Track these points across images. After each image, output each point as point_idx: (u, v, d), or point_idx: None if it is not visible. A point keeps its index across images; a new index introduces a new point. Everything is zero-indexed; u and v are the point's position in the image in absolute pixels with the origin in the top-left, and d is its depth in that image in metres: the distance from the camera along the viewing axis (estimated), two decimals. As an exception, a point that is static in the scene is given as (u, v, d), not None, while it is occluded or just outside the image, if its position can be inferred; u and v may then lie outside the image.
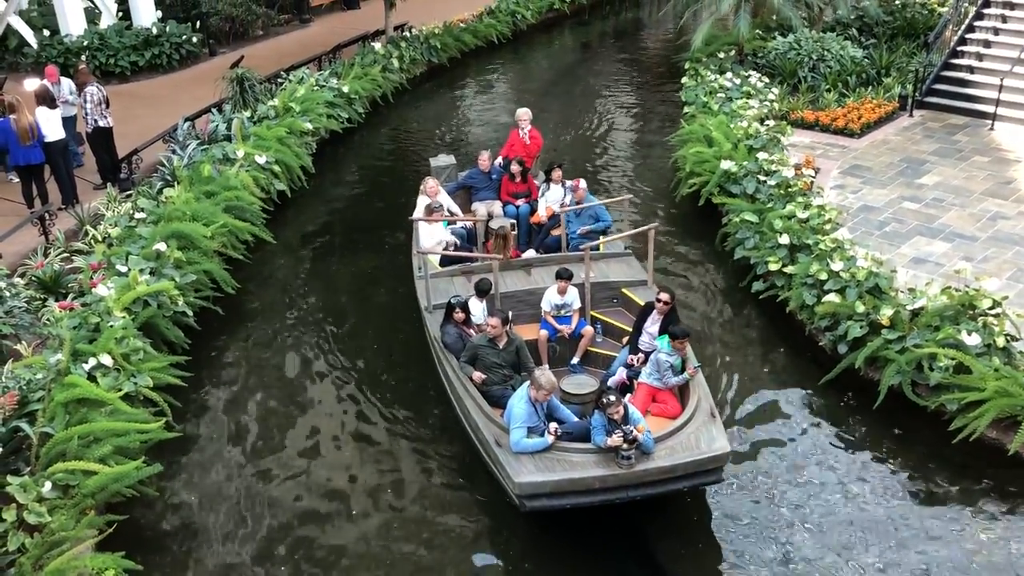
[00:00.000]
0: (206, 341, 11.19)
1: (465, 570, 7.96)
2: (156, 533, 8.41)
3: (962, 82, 17.21)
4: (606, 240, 11.32)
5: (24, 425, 8.21)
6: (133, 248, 11.37)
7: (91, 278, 10.77)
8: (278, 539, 8.29)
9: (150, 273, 10.90)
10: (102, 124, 14.29)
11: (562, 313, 10.08)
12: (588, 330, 10.08)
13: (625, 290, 10.69)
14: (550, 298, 10.09)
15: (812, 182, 13.15)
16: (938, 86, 17.36)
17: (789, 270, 11.12)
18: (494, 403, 8.79)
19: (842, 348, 10.01)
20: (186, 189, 12.98)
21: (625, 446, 7.59)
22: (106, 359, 9.22)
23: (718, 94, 16.65)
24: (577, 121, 19.05)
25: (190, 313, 10.91)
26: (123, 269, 10.85)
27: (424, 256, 10.68)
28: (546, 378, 8.11)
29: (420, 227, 11.57)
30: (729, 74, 17.62)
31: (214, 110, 16.30)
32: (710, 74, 17.90)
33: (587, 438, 7.97)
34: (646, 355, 9.34)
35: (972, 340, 9.24)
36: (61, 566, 7.10)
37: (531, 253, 11.85)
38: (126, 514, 8.24)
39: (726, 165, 13.31)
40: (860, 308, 9.98)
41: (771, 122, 15.26)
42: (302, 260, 13.53)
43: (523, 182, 12.69)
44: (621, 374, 9.50)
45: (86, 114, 14.21)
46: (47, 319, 10.15)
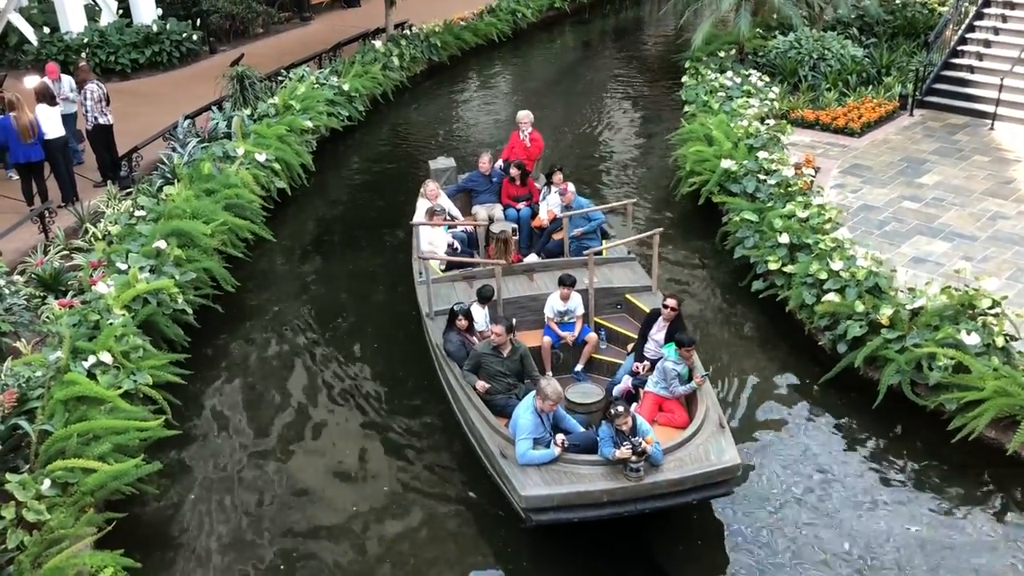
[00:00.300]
0: (206, 339, 11.19)
1: None
2: (155, 531, 8.41)
3: (962, 82, 17.21)
4: (609, 246, 11.14)
5: (23, 423, 8.21)
6: (133, 246, 11.36)
7: (91, 276, 10.77)
8: (277, 537, 8.29)
9: (150, 271, 10.90)
10: (102, 122, 14.29)
11: (565, 320, 9.93)
12: (592, 337, 9.93)
13: (629, 296, 10.52)
14: (553, 304, 9.94)
15: (812, 181, 13.15)
16: (938, 85, 17.35)
17: (789, 269, 11.12)
18: (498, 412, 8.62)
19: (842, 347, 10.02)
20: (186, 187, 12.98)
21: (634, 458, 7.46)
22: (106, 357, 9.22)
23: (718, 93, 16.65)
24: (577, 120, 19.04)
25: (190, 311, 10.91)
26: (123, 267, 10.84)
27: (425, 261, 10.54)
28: (552, 388, 7.95)
29: (421, 231, 11.45)
30: (729, 73, 17.61)
31: (214, 108, 16.30)
32: (710, 73, 17.89)
33: (594, 449, 7.83)
34: (652, 363, 9.17)
35: (971, 340, 9.24)
36: (60, 564, 7.10)
37: (533, 258, 11.69)
38: (125, 512, 8.23)
39: (726, 164, 13.31)
40: (860, 307, 9.98)
41: (771, 121, 15.25)
42: (302, 258, 13.52)
43: (523, 185, 12.56)
44: (626, 382, 9.32)
45: (86, 111, 14.21)
46: (47, 317, 10.15)
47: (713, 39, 19.31)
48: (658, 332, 9.36)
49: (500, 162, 13.13)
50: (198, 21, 22.33)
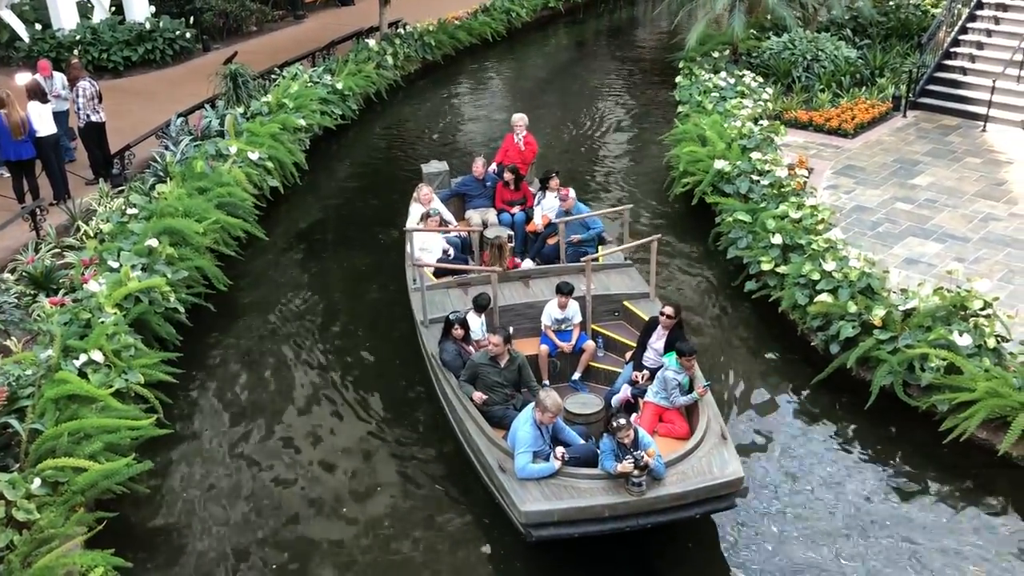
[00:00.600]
0: (198, 338, 11.16)
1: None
2: (146, 530, 8.38)
3: (955, 83, 17.26)
4: (606, 252, 10.96)
5: (14, 421, 8.18)
6: (125, 244, 11.33)
7: (82, 274, 10.74)
8: (269, 537, 8.28)
9: (142, 269, 10.87)
10: (94, 119, 14.24)
11: (563, 327, 9.80)
12: (589, 345, 9.80)
13: (627, 303, 10.37)
14: (551, 312, 9.81)
15: (805, 182, 13.16)
16: (931, 87, 17.40)
17: (782, 270, 11.13)
18: (495, 423, 8.50)
19: (834, 348, 10.03)
20: (179, 185, 12.94)
21: (636, 473, 7.32)
22: (97, 355, 9.19)
23: (712, 93, 16.66)
24: (571, 120, 19.04)
25: (182, 309, 10.88)
26: (115, 265, 10.82)
27: (419, 268, 10.38)
28: (551, 400, 7.80)
29: (415, 235, 11.16)
30: (723, 73, 17.64)
31: (207, 106, 16.27)
32: (704, 73, 17.91)
33: (594, 462, 7.71)
34: (651, 372, 9.03)
35: (963, 341, 9.27)
36: (50, 563, 7.07)
37: (528, 263, 11.56)
38: (116, 511, 8.21)
39: (720, 164, 13.32)
40: (852, 308, 10.00)
41: (765, 122, 15.28)
42: (295, 257, 13.49)
43: (517, 190, 12.41)
44: (625, 392, 9.16)
45: (78, 109, 14.16)
46: (38, 315, 10.11)
47: (707, 39, 19.33)
48: (657, 340, 9.21)
49: (494, 166, 13.00)
50: (191, 19, 22.25)
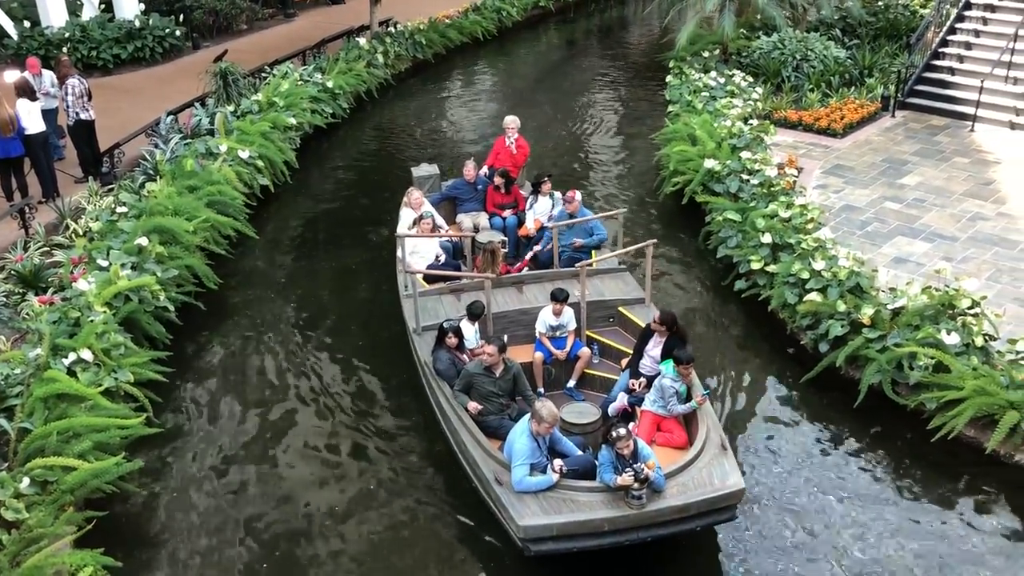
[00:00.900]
0: (188, 337, 11.13)
1: None
2: (136, 530, 8.36)
3: (943, 83, 17.34)
4: (600, 259, 10.78)
5: (2, 420, 8.17)
6: (114, 242, 11.30)
7: (71, 272, 10.70)
8: (259, 537, 8.26)
9: (131, 268, 10.84)
10: (84, 117, 14.18)
11: (558, 334, 9.67)
12: (585, 352, 9.66)
13: (622, 309, 10.19)
14: (545, 319, 9.64)
15: (795, 181, 13.23)
16: (920, 87, 17.48)
17: (771, 269, 11.17)
18: (490, 433, 8.34)
19: (823, 347, 10.07)
20: (168, 183, 12.90)
21: (636, 485, 7.18)
22: (86, 354, 9.16)
23: (702, 93, 16.70)
24: (562, 119, 19.05)
25: (172, 308, 10.85)
26: (104, 264, 10.78)
27: (411, 274, 10.18)
28: (547, 410, 7.63)
29: (407, 240, 10.99)
30: (713, 73, 17.68)
31: (197, 104, 16.22)
32: (694, 73, 17.95)
33: (592, 473, 7.59)
34: (648, 380, 8.88)
35: (951, 339, 9.32)
36: (39, 563, 7.05)
37: (527, 258, 11.47)
38: (106, 510, 8.18)
39: (709, 164, 13.36)
40: (841, 307, 10.04)
41: (754, 121, 15.32)
42: (285, 255, 13.46)
43: (508, 193, 12.30)
44: (622, 400, 9.00)
45: (67, 107, 14.10)
46: (26, 313, 10.09)
47: (697, 39, 19.38)
48: (654, 348, 9.03)
49: (485, 169, 12.87)
50: (181, 17, 22.17)
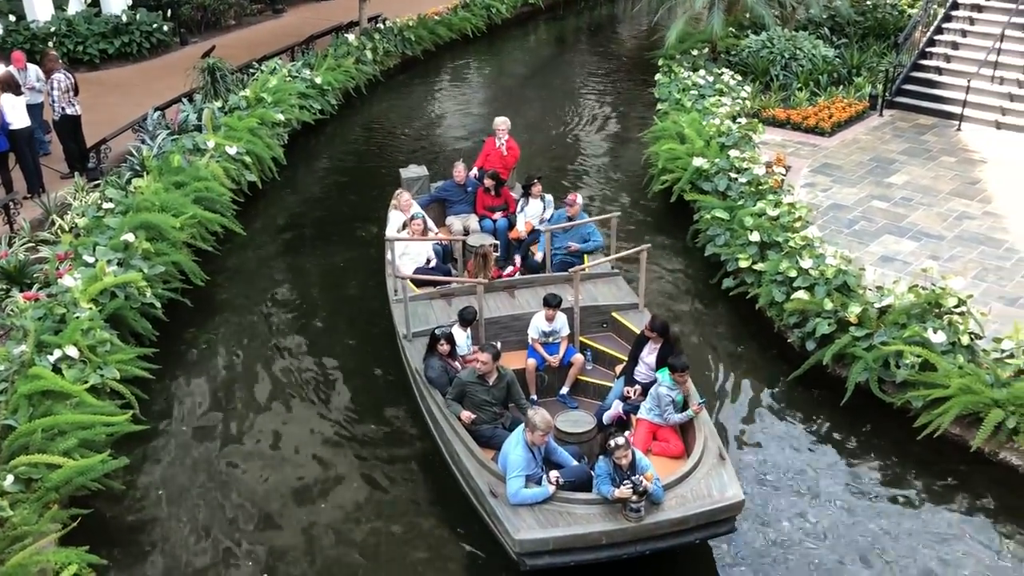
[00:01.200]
0: (174, 333, 11.08)
1: None
2: (122, 527, 8.32)
3: (930, 83, 17.42)
4: (593, 264, 10.61)
5: (-13, 417, 8.10)
6: (101, 238, 11.23)
7: (57, 268, 10.63)
8: (245, 534, 8.24)
9: (118, 264, 10.77)
10: (69, 112, 14.08)
11: (550, 340, 9.51)
12: (578, 358, 9.50)
13: (615, 314, 10.06)
14: (538, 325, 9.50)
15: (783, 180, 13.26)
16: (907, 86, 17.56)
17: (759, 267, 11.20)
18: (483, 443, 8.21)
19: (810, 345, 10.10)
20: (155, 179, 12.84)
21: (635, 498, 7.06)
22: (72, 351, 9.11)
23: (691, 91, 16.72)
24: (550, 116, 19.05)
25: (158, 305, 10.80)
26: (90, 260, 10.72)
27: (401, 279, 10.02)
28: (541, 418, 7.48)
29: (397, 244, 10.75)
30: (702, 71, 17.71)
31: (185, 100, 16.14)
32: (683, 71, 17.97)
33: (588, 484, 7.46)
34: (643, 387, 8.79)
35: (938, 338, 9.37)
36: (23, 561, 7.00)
37: (518, 262, 11.38)
38: (91, 508, 8.15)
39: (698, 162, 13.38)
40: (828, 305, 10.08)
41: (743, 120, 15.37)
42: (273, 252, 13.42)
43: (499, 195, 12.17)
44: (617, 408, 8.85)
45: (53, 102, 13.99)
46: (11, 310, 10.01)
47: (686, 37, 19.41)
48: (649, 355, 8.93)
49: (475, 170, 12.74)
50: (169, 12, 22.07)
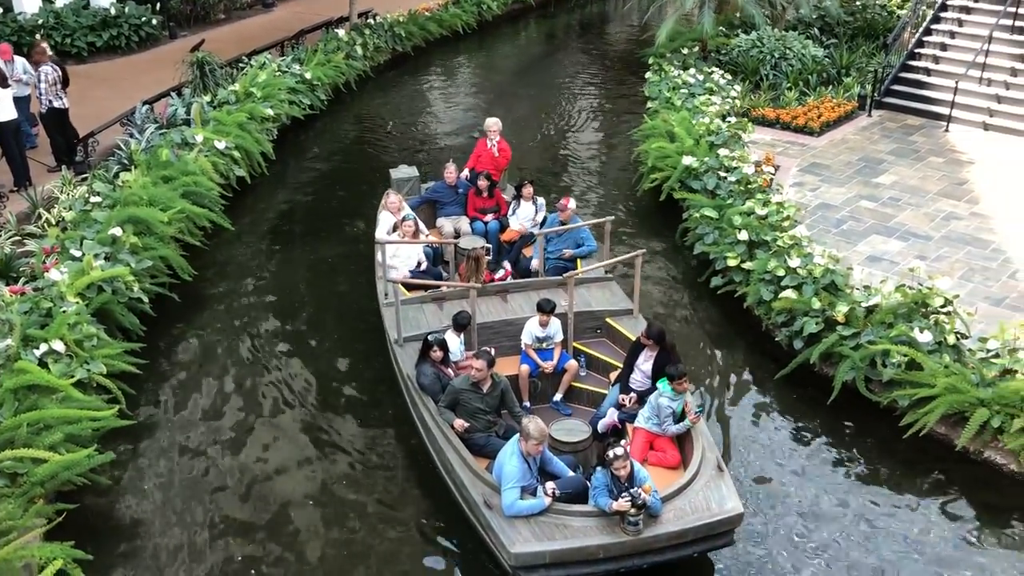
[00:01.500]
0: (162, 328, 11.04)
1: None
2: (107, 522, 8.30)
3: (919, 84, 17.49)
4: (588, 269, 10.48)
5: (-28, 411, 8.05)
6: (88, 232, 11.18)
7: (44, 262, 10.57)
8: (231, 530, 8.22)
9: (105, 258, 10.72)
10: (57, 105, 13.99)
11: (544, 346, 9.39)
12: (572, 364, 9.40)
13: (609, 320, 9.95)
14: (532, 330, 9.34)
15: (772, 179, 13.30)
16: (896, 87, 17.63)
17: (747, 266, 11.23)
18: (476, 452, 8.09)
19: (798, 344, 10.14)
20: (143, 173, 12.78)
21: (633, 511, 6.95)
22: (58, 345, 9.07)
23: (681, 90, 16.74)
24: (541, 114, 19.05)
25: (145, 299, 10.75)
26: (77, 253, 10.66)
27: (393, 282, 9.84)
28: (535, 427, 7.34)
29: (387, 245, 10.55)
30: (692, 70, 17.73)
31: (173, 94, 16.06)
32: (674, 70, 17.97)
33: (584, 495, 7.35)
34: (639, 395, 8.69)
35: (924, 337, 9.42)
36: (8, 556, 6.97)
37: (508, 267, 11.21)
38: (77, 503, 8.11)
39: (687, 161, 13.40)
40: (816, 304, 10.12)
41: (733, 119, 15.39)
42: (261, 247, 13.38)
43: (491, 197, 12.05)
44: (612, 416, 8.72)
45: (40, 94, 13.91)
46: (-3, 303, 9.94)
47: (677, 36, 19.43)
48: (645, 362, 8.81)
49: (466, 172, 12.62)
50: (158, 5, 21.94)
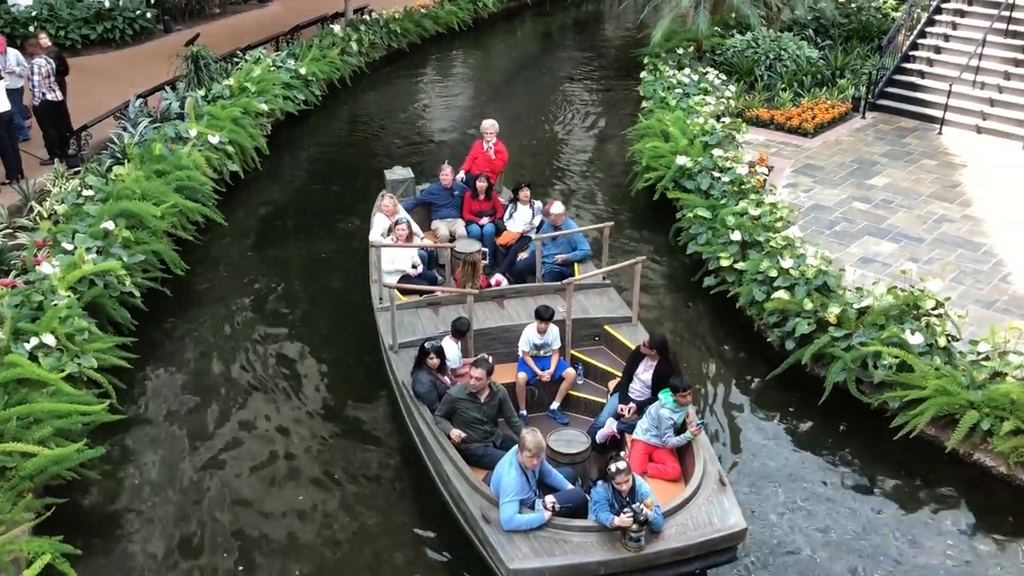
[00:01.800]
0: (153, 323, 11.00)
1: None
2: (97, 517, 8.27)
3: (913, 86, 17.53)
4: (586, 276, 10.28)
5: (-39, 405, 8.02)
6: (80, 226, 11.13)
7: (35, 255, 10.54)
8: (220, 525, 8.21)
9: (97, 252, 10.68)
10: (50, 98, 13.93)
11: (542, 353, 9.24)
12: (569, 373, 9.24)
13: (608, 327, 9.81)
14: (529, 337, 9.18)
15: (765, 180, 13.32)
16: (890, 89, 17.67)
17: (740, 266, 11.25)
18: (473, 462, 7.93)
19: (790, 344, 10.16)
20: (136, 167, 12.74)
21: (635, 527, 6.81)
22: (49, 339, 9.03)
23: (676, 90, 16.75)
24: (535, 112, 19.05)
25: (137, 294, 10.71)
26: (69, 247, 10.62)
27: (389, 287, 9.69)
28: (532, 439, 7.17)
29: (383, 249, 10.38)
30: (687, 70, 17.74)
31: (167, 88, 16.02)
32: (669, 69, 18.00)
33: (583, 508, 7.22)
34: (638, 405, 8.53)
35: (915, 339, 9.44)
36: (-3, 549, 6.96)
37: (498, 277, 11.03)
38: (66, 497, 8.08)
39: (681, 161, 13.41)
40: (808, 305, 10.13)
41: (727, 119, 15.41)
42: (254, 243, 13.35)
43: (487, 199, 11.93)
44: (611, 426, 8.54)
45: (33, 87, 13.85)
46: (-12, 296, 9.90)
47: (672, 36, 19.44)
48: (644, 371, 8.64)
49: (462, 174, 12.47)
50: (152, -1, 21.91)
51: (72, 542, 7.44)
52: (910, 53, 17.95)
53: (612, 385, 9.13)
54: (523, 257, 11.20)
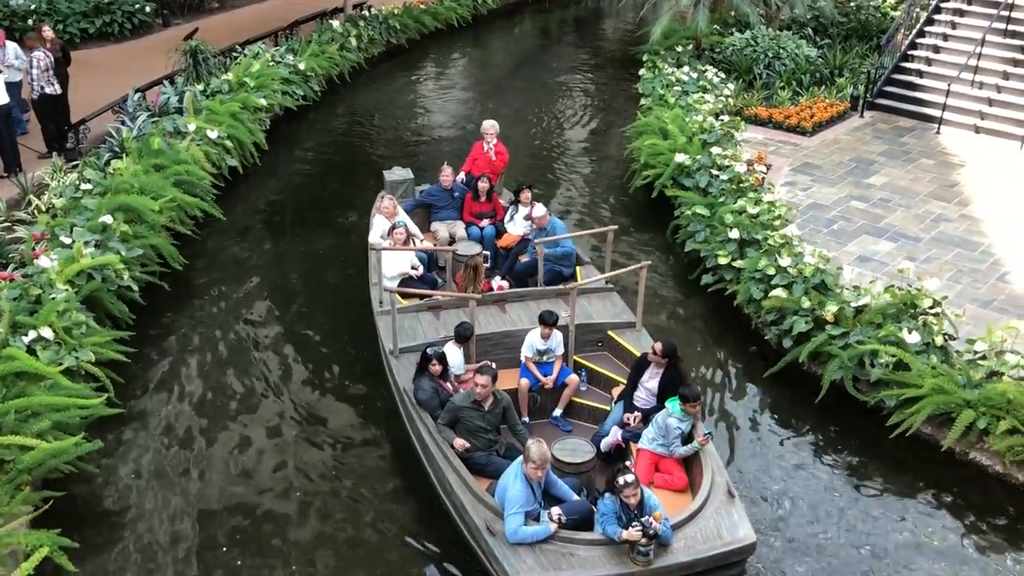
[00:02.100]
0: (151, 317, 11.00)
1: None
2: (94, 510, 8.28)
3: (911, 85, 17.56)
4: (590, 280, 10.15)
5: (-41, 398, 8.02)
6: (78, 220, 11.13)
7: (33, 249, 10.53)
8: (218, 520, 8.22)
9: (95, 246, 10.68)
10: (48, 91, 13.92)
11: (544, 359, 9.10)
12: (573, 379, 9.09)
13: (611, 333, 9.66)
14: (533, 343, 9.02)
15: (763, 178, 13.34)
16: (888, 88, 17.69)
17: (738, 264, 11.26)
18: (477, 471, 7.79)
19: (787, 342, 10.18)
20: (135, 161, 12.73)
21: (644, 540, 6.66)
22: (47, 332, 9.03)
23: (675, 87, 16.76)
24: (534, 109, 19.04)
25: (135, 288, 10.72)
26: (67, 241, 10.61)
27: (389, 291, 9.55)
28: (537, 449, 7.03)
29: (383, 252, 10.24)
30: (686, 68, 17.75)
31: (166, 82, 16.01)
32: (667, 67, 18.01)
33: (589, 520, 7.12)
34: (643, 413, 8.41)
35: (912, 338, 9.47)
36: (-6, 542, 6.97)
37: (498, 280, 10.82)
38: (63, 491, 8.09)
39: (680, 158, 13.42)
40: (806, 304, 10.16)
41: (725, 117, 15.43)
42: (252, 238, 13.34)
43: (488, 201, 11.81)
44: (615, 435, 8.41)
45: (32, 80, 13.83)
46: (-14, 290, 9.90)
47: (671, 33, 19.45)
48: (651, 379, 8.52)
49: (462, 175, 12.33)
50: (151, -8, 21.86)
51: (70, 535, 7.45)
52: (909, 52, 17.98)
53: (616, 392, 9.01)
54: (523, 260, 11.14)
